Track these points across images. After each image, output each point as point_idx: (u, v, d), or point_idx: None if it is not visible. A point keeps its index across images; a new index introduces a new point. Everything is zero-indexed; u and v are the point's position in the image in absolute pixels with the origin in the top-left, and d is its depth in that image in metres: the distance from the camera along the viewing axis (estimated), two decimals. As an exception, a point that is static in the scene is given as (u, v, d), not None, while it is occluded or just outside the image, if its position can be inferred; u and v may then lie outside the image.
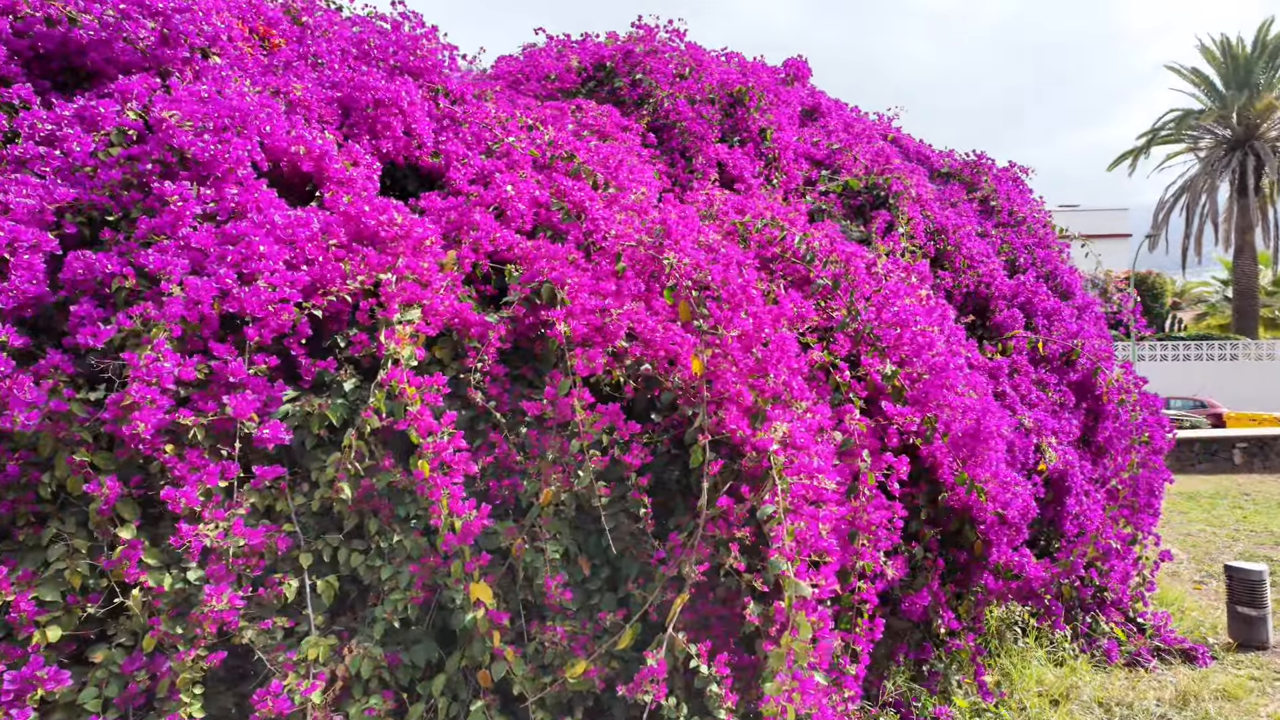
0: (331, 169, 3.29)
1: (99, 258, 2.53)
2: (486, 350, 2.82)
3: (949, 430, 3.33)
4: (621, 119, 5.10)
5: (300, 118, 3.42)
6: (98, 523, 2.30)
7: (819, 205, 5.06)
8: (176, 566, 2.33)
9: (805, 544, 2.34)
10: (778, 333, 2.91)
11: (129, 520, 2.33)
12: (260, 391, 2.53)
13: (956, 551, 3.76)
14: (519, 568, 2.75)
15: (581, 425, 2.72)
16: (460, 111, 4.21)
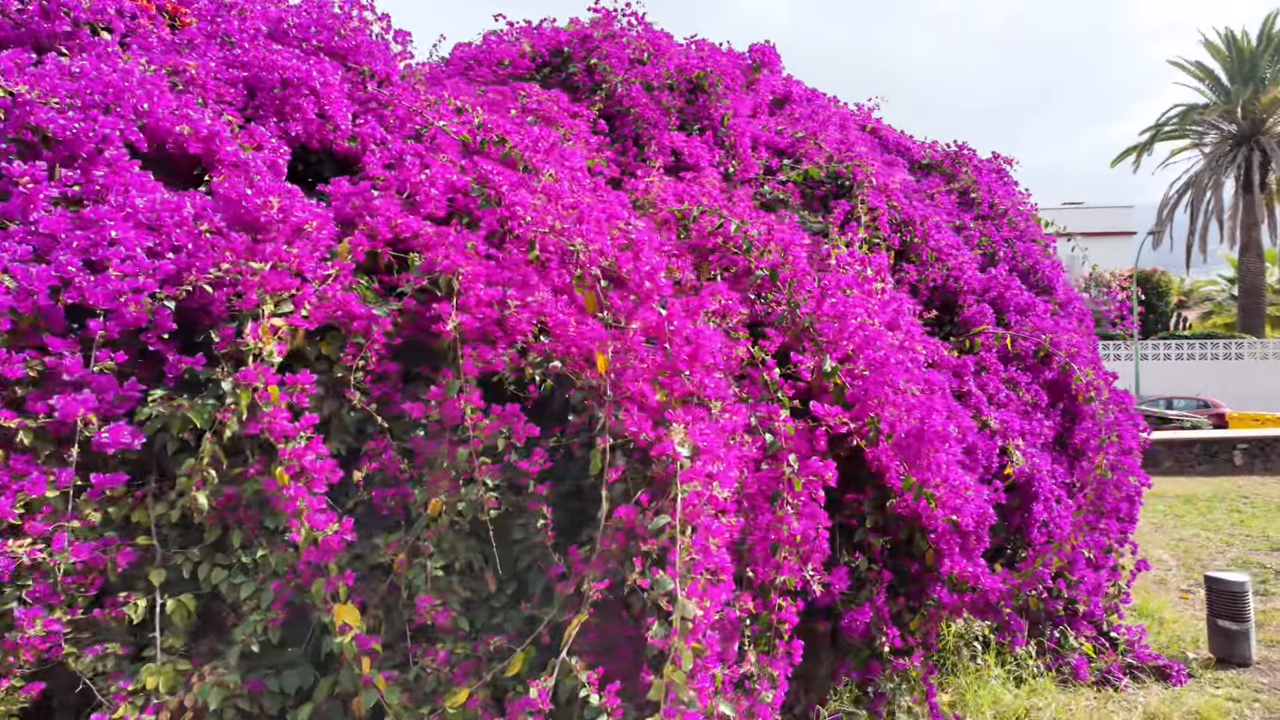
0: (223, 151, 3.05)
1: (-76, 244, 2.29)
2: (369, 346, 2.58)
3: (893, 431, 3.07)
4: (571, 105, 4.85)
5: (194, 98, 3.19)
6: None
7: (777, 195, 4.80)
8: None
9: (698, 560, 2.08)
10: (694, 326, 2.66)
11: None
12: (106, 391, 2.29)
13: (908, 562, 3.50)
14: (401, 585, 2.51)
15: (472, 429, 2.47)
16: (386, 94, 3.97)
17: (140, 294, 2.37)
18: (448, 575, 2.70)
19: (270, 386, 2.32)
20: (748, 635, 2.63)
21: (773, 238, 3.35)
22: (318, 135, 3.59)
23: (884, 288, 4.02)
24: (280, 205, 2.65)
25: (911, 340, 3.82)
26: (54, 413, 2.16)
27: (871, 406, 3.03)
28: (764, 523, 2.60)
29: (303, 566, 2.24)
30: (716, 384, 2.59)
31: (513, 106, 4.66)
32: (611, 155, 4.72)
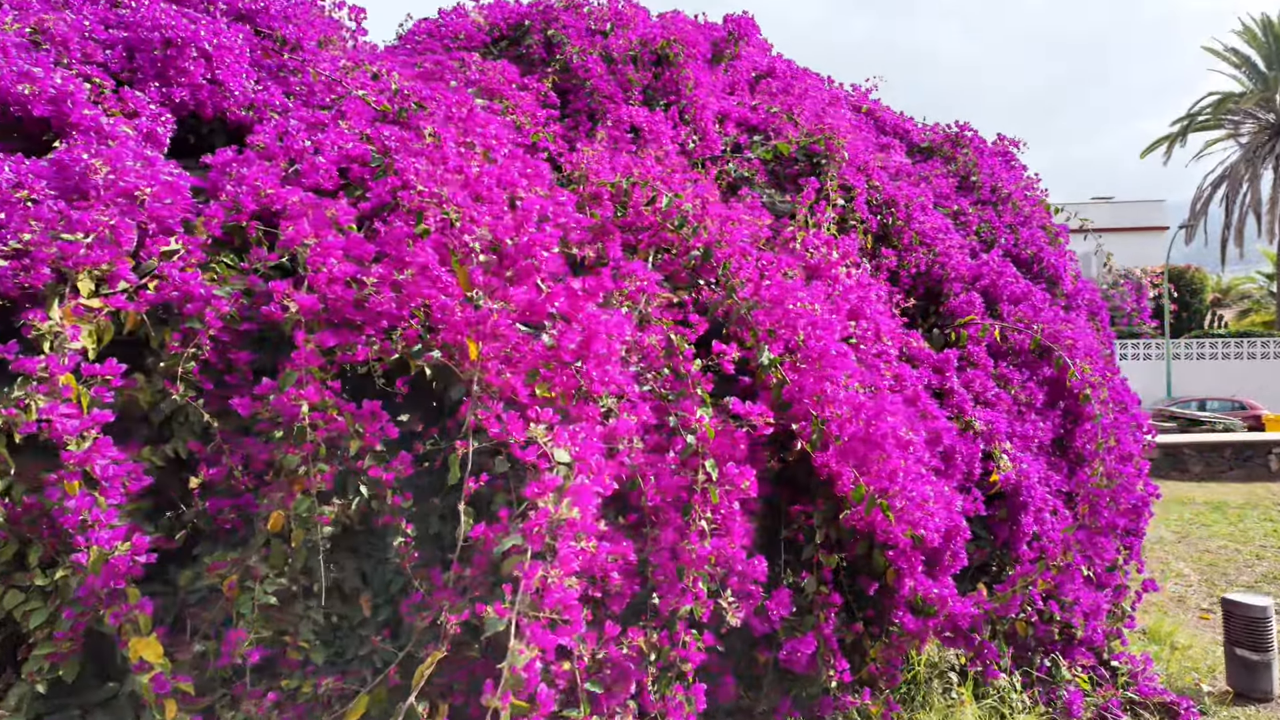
0: (76, 114, 2.70)
1: None
2: (203, 332, 2.20)
3: (840, 434, 2.64)
4: (518, 77, 4.47)
5: (51, 56, 2.85)
6: None
7: (742, 173, 4.37)
8: None
9: (543, 594, 1.68)
10: (589, 310, 2.25)
11: None
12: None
13: (867, 582, 3.06)
14: (233, 614, 2.13)
15: (310, 429, 2.09)
16: (296, 60, 3.61)
17: (-79, 269, 2.02)
18: (305, 599, 2.33)
19: (62, 376, 1.96)
20: (651, 674, 2.22)
21: (707, 213, 2.93)
22: (210, 102, 3.24)
23: (848, 272, 3.58)
24: (110, 170, 2.28)
25: (875, 330, 3.38)
26: None
27: (809, 405, 2.60)
28: (668, 540, 2.18)
29: (85, 591, 1.87)
30: (611, 377, 2.19)
31: (453, 78, 4.29)
32: (560, 130, 4.33)
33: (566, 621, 1.68)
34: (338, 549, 2.45)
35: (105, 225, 2.11)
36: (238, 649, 1.96)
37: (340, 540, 2.42)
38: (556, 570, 1.67)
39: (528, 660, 1.58)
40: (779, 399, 2.72)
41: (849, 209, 4.42)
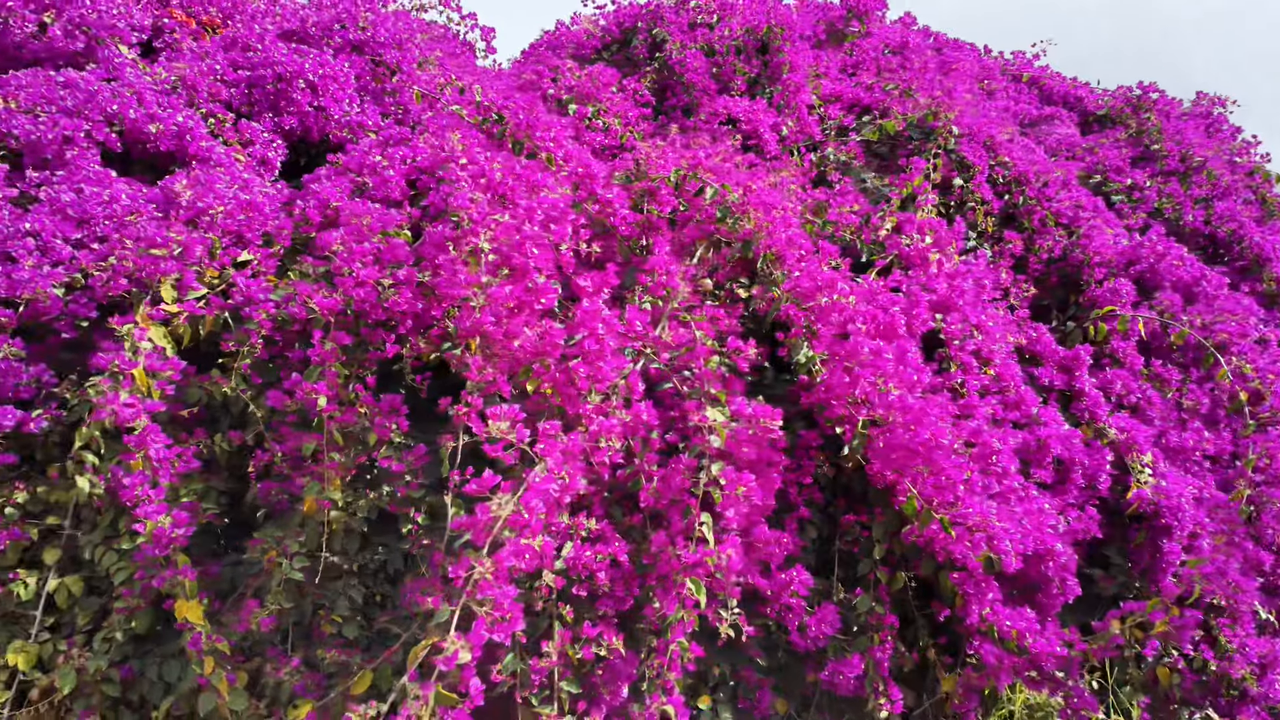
0: (195, 147, 3.14)
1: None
2: (255, 332, 2.46)
3: (880, 439, 2.39)
4: (615, 79, 4.52)
5: (182, 99, 3.32)
6: None
7: (839, 158, 4.09)
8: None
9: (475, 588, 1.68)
10: (592, 304, 2.23)
11: None
12: (9, 377, 2.39)
13: (940, 605, 2.75)
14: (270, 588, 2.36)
15: (328, 420, 2.27)
16: (395, 83, 3.93)
17: (46, 283, 2.45)
18: (346, 578, 2.53)
19: (134, 371, 2.29)
20: (646, 682, 2.15)
21: (749, 202, 2.77)
22: (315, 127, 3.62)
23: (939, 259, 3.22)
24: (192, 193, 2.63)
25: (966, 324, 3.02)
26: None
27: (838, 407, 2.38)
28: (658, 544, 2.10)
29: (141, 557, 2.17)
30: (603, 374, 2.15)
31: (548, 88, 4.44)
32: (650, 128, 4.32)
33: (504, 619, 1.68)
34: (384, 531, 2.64)
35: (175, 241, 2.43)
36: (254, 617, 2.17)
37: (388, 523, 2.60)
38: (487, 565, 1.67)
39: (449, 653, 1.60)
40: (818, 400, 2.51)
41: (967, 189, 3.98)
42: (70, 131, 2.86)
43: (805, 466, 2.73)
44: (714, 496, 2.18)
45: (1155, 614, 2.60)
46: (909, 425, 2.28)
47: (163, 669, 2.39)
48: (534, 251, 2.15)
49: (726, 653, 2.67)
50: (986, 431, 2.72)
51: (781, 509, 2.74)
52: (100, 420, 2.29)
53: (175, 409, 2.54)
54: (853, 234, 3.48)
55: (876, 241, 3.46)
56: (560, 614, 2.06)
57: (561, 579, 2.06)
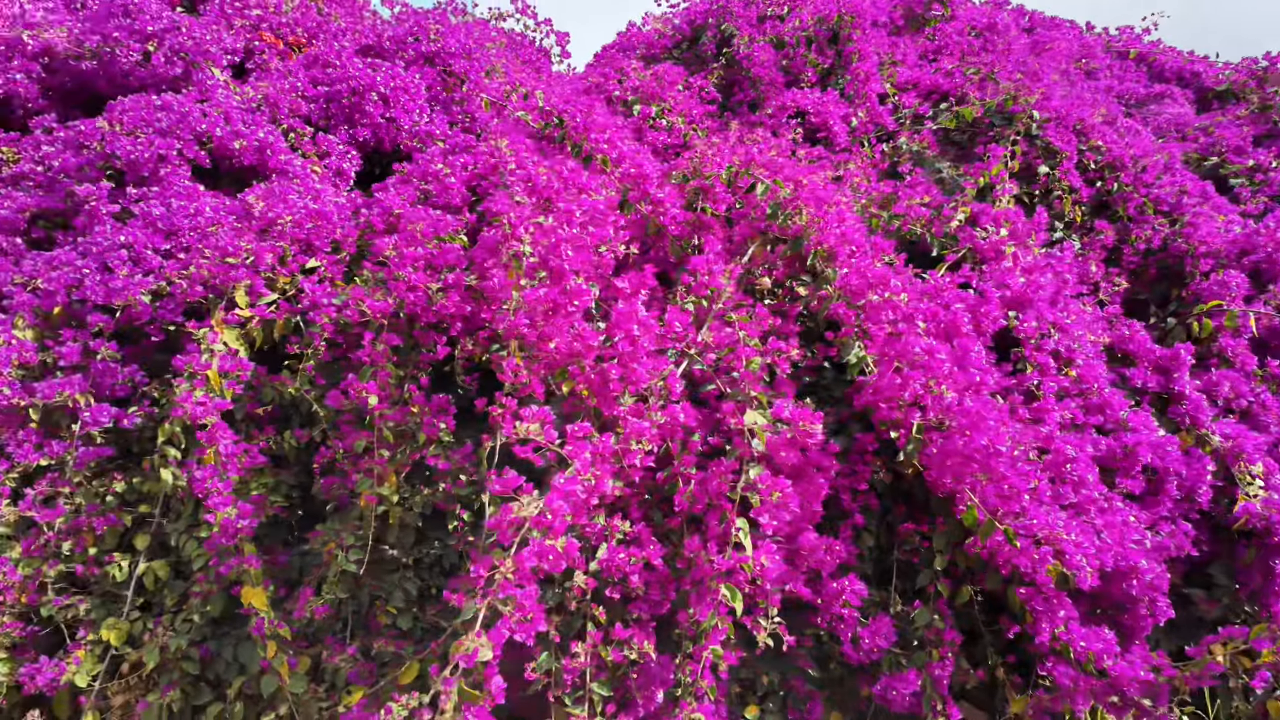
0: (274, 161, 3.34)
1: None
2: (318, 335, 2.60)
3: (932, 445, 2.26)
4: (681, 78, 4.49)
5: (265, 116, 3.54)
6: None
7: (911, 148, 3.91)
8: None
9: (496, 587, 1.70)
10: (628, 305, 2.22)
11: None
12: (104, 376, 2.62)
13: (1009, 623, 2.58)
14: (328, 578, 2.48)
15: (378, 419, 2.36)
16: (462, 93, 4.04)
17: (137, 290, 2.66)
18: (402, 571, 2.63)
19: (207, 372, 2.46)
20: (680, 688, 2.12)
21: (800, 197, 2.68)
22: (386, 137, 3.78)
23: (1015, 251, 3.02)
24: (265, 205, 2.80)
25: (1041, 322, 2.82)
26: (60, 395, 2.53)
27: (885, 411, 2.26)
28: (692, 549, 2.06)
29: (210, 545, 2.33)
30: (637, 376, 2.13)
31: (614, 89, 4.47)
32: (715, 125, 4.27)
33: (526, 619, 1.70)
34: (440, 526, 2.72)
35: (246, 250, 2.59)
36: (309, 606, 2.28)
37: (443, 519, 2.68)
38: (508, 565, 1.69)
39: (469, 650, 1.63)
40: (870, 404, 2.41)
41: (1053, 176, 3.71)
42: (164, 150, 3.10)
43: (860, 472, 2.63)
44: (752, 501, 2.13)
45: (1261, 641, 2.34)
46: (964, 430, 2.15)
47: (237, 650, 2.55)
48: (569, 254, 2.16)
49: (776, 662, 2.60)
50: (1060, 437, 2.54)
51: (835, 516, 2.65)
52: (180, 417, 2.47)
53: (252, 407, 2.72)
54: (923, 227, 3.32)
55: (948, 235, 3.29)
56: (593, 615, 2.06)
57: (594, 580, 2.07)
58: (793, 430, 2.11)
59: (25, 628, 2.42)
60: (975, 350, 2.46)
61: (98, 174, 3.11)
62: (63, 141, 3.26)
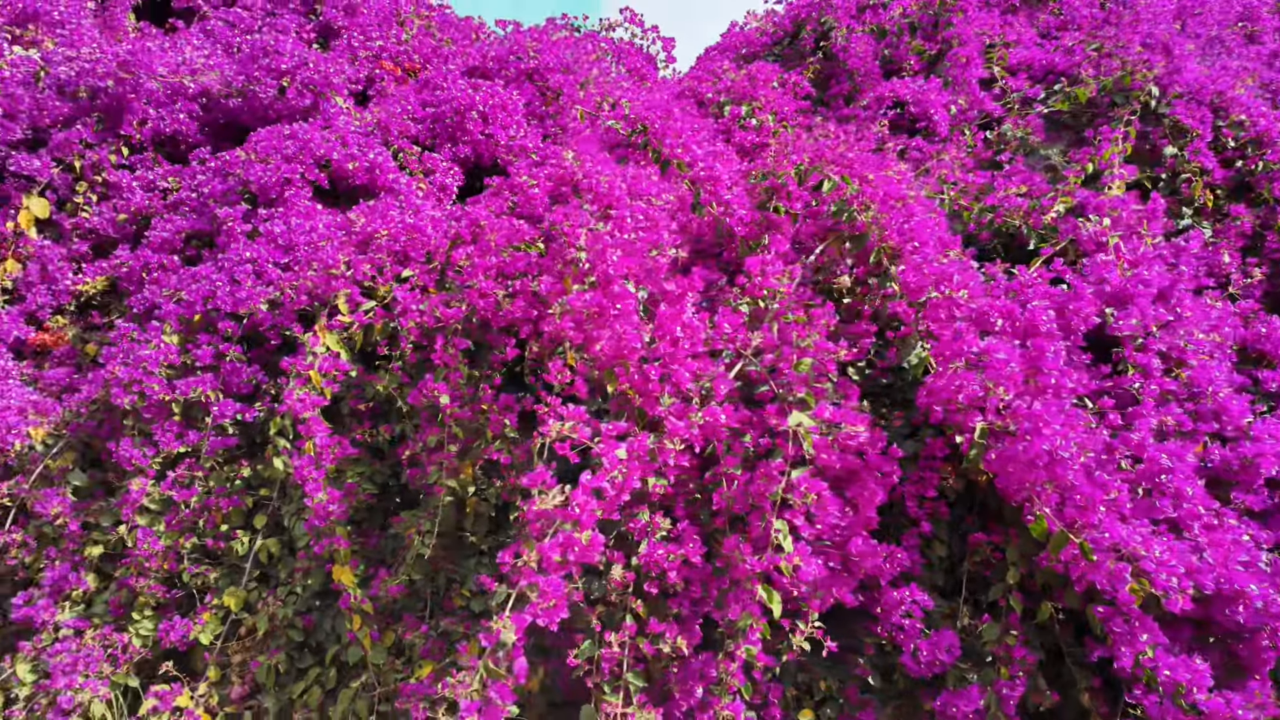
0: (383, 179, 3.67)
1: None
2: (405, 338, 2.84)
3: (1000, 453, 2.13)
4: (774, 75, 4.46)
5: (378, 139, 3.88)
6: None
7: (1017, 134, 3.66)
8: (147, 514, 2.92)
9: (519, 575, 1.80)
10: (671, 308, 2.28)
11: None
12: (233, 376, 3.00)
13: (1093, 645, 2.39)
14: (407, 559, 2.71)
15: (447, 417, 2.56)
16: (554, 106, 4.23)
17: (258, 299, 3.03)
18: (478, 558, 2.82)
19: (311, 372, 2.76)
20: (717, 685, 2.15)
21: (865, 193, 2.59)
22: (486, 152, 4.03)
23: (1119, 244, 2.77)
24: (365, 221, 3.09)
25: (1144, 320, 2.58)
26: (196, 391, 2.94)
27: (949, 413, 2.16)
28: (727, 549, 2.08)
29: (308, 526, 2.61)
30: (679, 377, 2.18)
31: (707, 91, 4.51)
32: (807, 121, 4.20)
33: (549, 605, 1.79)
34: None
35: (343, 262, 2.88)
36: (383, 586, 2.51)
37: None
38: (530, 554, 1.80)
39: (494, 630, 1.75)
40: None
41: (1180, 158, 3.36)
42: (288, 174, 3.49)
43: (928, 478, 2.53)
44: (791, 504, 2.11)
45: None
46: (1024, 435, 2.03)
47: (335, 621, 2.84)
48: (614, 259, 2.24)
49: (836, 668, 2.56)
50: (1154, 445, 2.32)
51: (903, 523, 2.57)
52: (286, 412, 2.79)
53: (355, 403, 3.01)
54: (1020, 220, 3.12)
55: (1047, 226, 3.07)
56: (630, 608, 2.13)
57: (633, 574, 2.14)
58: (833, 433, 2.08)
59: (167, 591, 2.82)
60: (1051, 350, 2.30)
61: (237, 198, 3.55)
62: (211, 170, 3.75)
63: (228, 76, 4.05)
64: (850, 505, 2.29)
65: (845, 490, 2.31)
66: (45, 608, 2.79)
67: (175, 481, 2.88)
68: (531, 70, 4.40)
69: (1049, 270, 2.83)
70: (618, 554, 2.14)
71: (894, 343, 2.46)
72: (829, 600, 2.22)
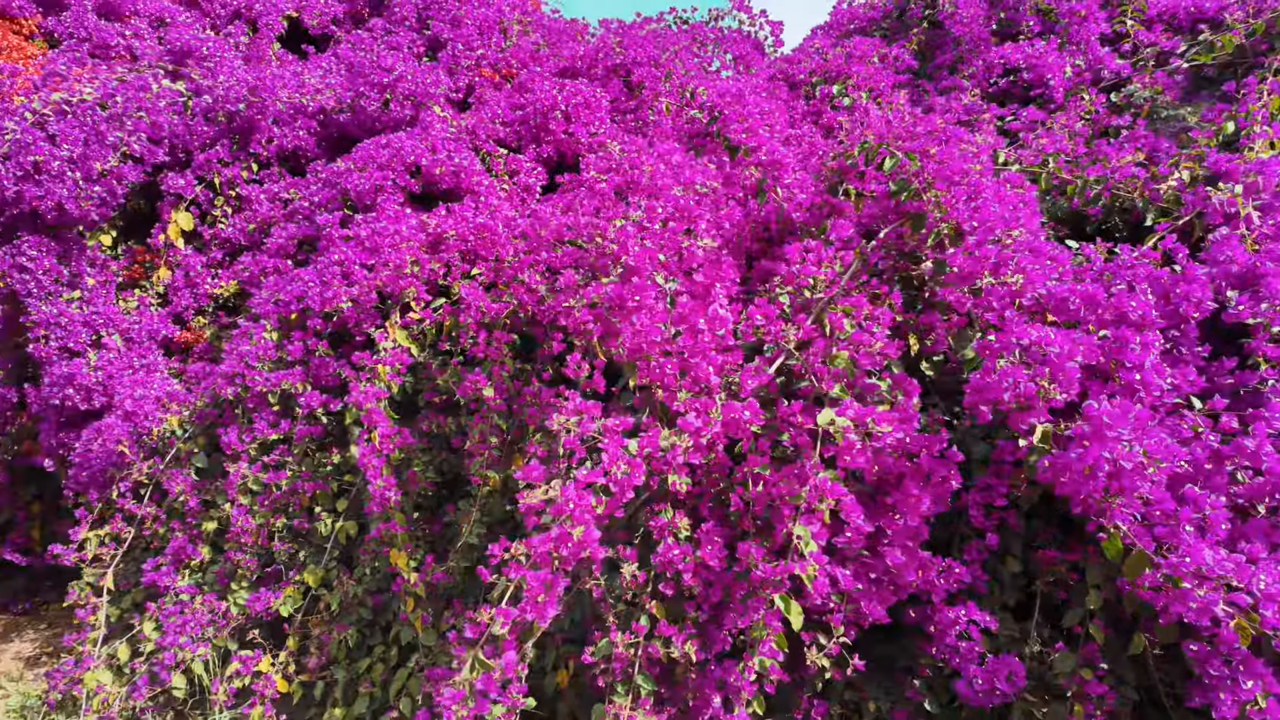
0: (468, 182, 3.82)
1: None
2: (464, 334, 2.93)
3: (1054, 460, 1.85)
4: (868, 51, 4.18)
5: (466, 143, 4.04)
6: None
7: (1144, 93, 3.18)
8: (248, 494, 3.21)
9: (508, 567, 1.79)
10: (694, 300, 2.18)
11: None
12: (321, 369, 3.24)
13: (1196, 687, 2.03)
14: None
15: (488, 406, 2.61)
16: (643, 96, 4.20)
17: (342, 298, 3.25)
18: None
19: (378, 366, 2.92)
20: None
21: (926, 169, 2.33)
22: (567, 150, 4.09)
23: (1248, 214, 2.34)
24: (436, 222, 3.23)
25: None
26: (283, 383, 3.20)
27: (984, 415, 1.90)
28: (742, 552, 1.95)
29: (368, 512, 2.76)
30: (698, 371, 2.08)
31: (799, 72, 4.31)
32: (907, 95, 3.90)
33: (538, 600, 1.77)
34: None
35: (409, 262, 3.02)
36: (429, 572, 2.60)
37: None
38: (518, 548, 1.78)
39: (480, 620, 1.76)
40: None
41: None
42: (380, 181, 3.72)
43: (995, 486, 2.26)
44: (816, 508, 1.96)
45: None
46: (1082, 439, 1.75)
47: (399, 602, 2.99)
48: (634, 250, 2.18)
49: (891, 689, 2.35)
50: (1274, 455, 1.93)
51: (969, 535, 2.32)
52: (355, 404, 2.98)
53: (430, 395, 3.16)
54: (1135, 192, 2.71)
55: (1170, 198, 2.65)
56: (645, 609, 2.06)
57: (646, 574, 2.07)
58: (859, 432, 1.90)
59: (261, 565, 3.10)
60: (1137, 342, 1.97)
61: (338, 205, 3.84)
62: (321, 181, 4.08)
63: (340, 94, 4.38)
64: (892, 512, 2.10)
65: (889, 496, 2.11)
66: (167, 574, 3.15)
67: (266, 466, 3.16)
68: (617, 66, 4.41)
69: (1159, 250, 2.43)
70: (630, 551, 2.08)
71: (950, 334, 2.22)
72: (863, 615, 2.05)
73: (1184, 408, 2.12)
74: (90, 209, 3.72)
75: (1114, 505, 1.77)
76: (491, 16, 5.09)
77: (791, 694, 2.35)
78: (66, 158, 3.61)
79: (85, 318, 3.81)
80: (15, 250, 3.66)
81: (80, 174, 3.63)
